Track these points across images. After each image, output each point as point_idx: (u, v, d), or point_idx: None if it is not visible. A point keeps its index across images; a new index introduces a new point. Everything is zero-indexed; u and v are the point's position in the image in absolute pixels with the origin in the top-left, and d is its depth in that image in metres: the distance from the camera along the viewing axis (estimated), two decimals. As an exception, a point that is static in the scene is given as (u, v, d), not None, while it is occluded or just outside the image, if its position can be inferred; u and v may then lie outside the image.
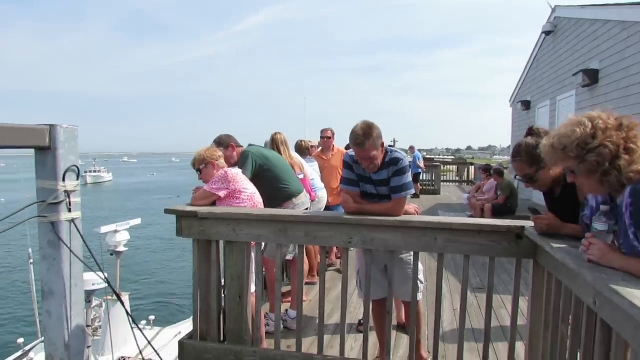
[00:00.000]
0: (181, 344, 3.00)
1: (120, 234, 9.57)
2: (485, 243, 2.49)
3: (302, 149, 5.84)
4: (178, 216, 2.91)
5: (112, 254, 9.74)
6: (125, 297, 10.33)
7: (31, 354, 9.54)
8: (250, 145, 4.00)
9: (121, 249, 9.60)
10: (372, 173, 2.85)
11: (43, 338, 9.83)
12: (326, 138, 5.96)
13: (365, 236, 2.66)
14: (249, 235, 2.82)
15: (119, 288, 10.24)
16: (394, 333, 3.67)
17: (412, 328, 2.70)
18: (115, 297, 9.79)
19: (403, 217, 2.71)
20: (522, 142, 2.39)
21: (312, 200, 4.72)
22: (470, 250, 2.53)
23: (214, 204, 3.17)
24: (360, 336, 3.68)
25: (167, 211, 2.95)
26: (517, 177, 2.43)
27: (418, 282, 2.75)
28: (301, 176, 4.86)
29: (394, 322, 3.69)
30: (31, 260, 11.21)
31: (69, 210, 3.04)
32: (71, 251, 3.03)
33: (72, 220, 3.07)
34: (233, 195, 3.19)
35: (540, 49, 12.66)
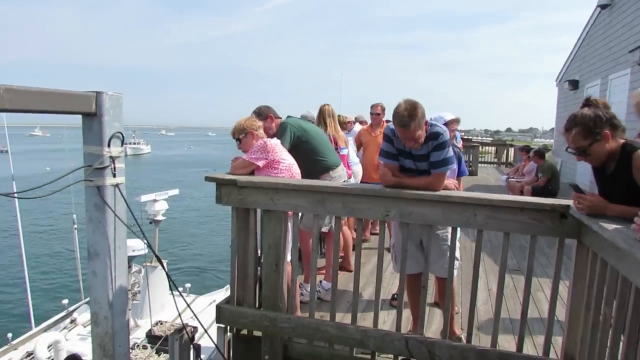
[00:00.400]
0: (219, 307, 3.08)
1: (159, 203, 9.86)
2: (528, 221, 2.43)
3: (340, 124, 5.81)
4: (218, 184, 2.96)
5: (150, 222, 10.06)
6: (164, 264, 10.71)
7: (75, 314, 10.04)
8: (288, 116, 4.01)
9: (159, 217, 9.91)
10: None
11: (86, 300, 10.36)
12: (375, 114, 5.73)
13: (403, 209, 2.64)
14: (286, 205, 2.85)
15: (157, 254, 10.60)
16: (427, 308, 3.67)
17: (447, 304, 2.68)
18: (153, 264, 10.15)
19: (442, 192, 2.66)
20: (577, 112, 2.27)
21: (349, 177, 4.71)
22: (511, 228, 2.48)
23: (252, 173, 3.21)
24: (393, 310, 3.71)
25: (208, 179, 3.00)
26: (569, 150, 2.31)
27: (454, 258, 2.72)
28: (345, 151, 4.85)
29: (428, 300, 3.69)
30: (75, 226, 11.68)
31: (114, 176, 3.14)
32: (115, 214, 3.14)
33: (117, 185, 3.18)
34: (271, 165, 3.22)
35: (593, 24, 12.03)
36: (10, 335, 8.87)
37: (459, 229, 2.71)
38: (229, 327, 6.13)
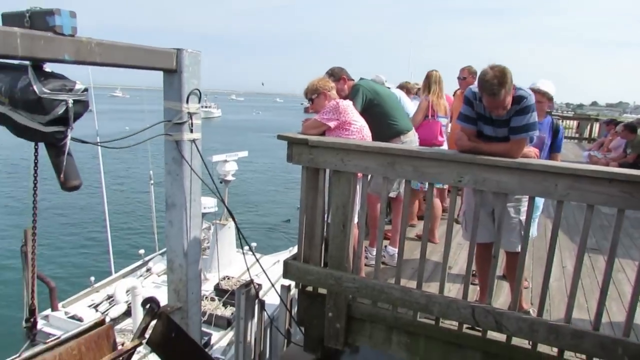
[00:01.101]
0: (286, 263, 3.17)
1: (229, 164, 10.19)
2: (616, 194, 2.26)
3: (404, 89, 5.68)
4: (289, 143, 2.99)
5: (221, 182, 10.44)
6: (231, 223, 11.14)
7: (150, 264, 10.74)
8: (361, 79, 3.94)
9: (229, 178, 10.26)
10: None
11: (160, 251, 10.94)
12: (462, 78, 5.14)
13: (477, 176, 2.55)
14: (356, 166, 2.84)
15: (226, 214, 11.04)
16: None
17: (518, 275, 2.59)
18: (222, 222, 10.58)
19: (521, 159, 2.53)
20: None
21: (439, 145, 4.59)
22: (596, 200, 2.32)
23: (323, 134, 3.22)
24: (457, 284, 3.64)
25: (280, 137, 3.04)
26: None
27: (529, 230, 2.61)
28: (443, 120, 4.72)
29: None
30: (152, 181, 12.36)
31: (191, 131, 3.26)
32: (191, 168, 3.28)
33: (193, 141, 3.30)
34: (342, 126, 3.20)
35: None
36: (92, 278, 9.68)
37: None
38: (294, 283, 6.33)
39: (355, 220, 3.06)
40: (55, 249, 15.27)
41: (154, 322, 3.14)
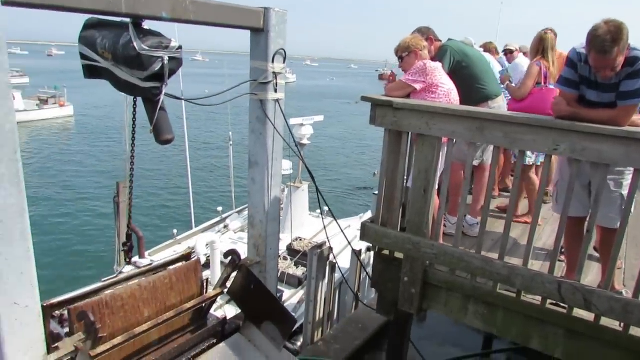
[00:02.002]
0: (364, 225, 3.19)
1: (305, 128, 10.31)
2: None
3: (488, 51, 5.39)
4: (373, 104, 2.95)
5: (296, 145, 10.65)
6: (305, 186, 11.35)
7: (227, 221, 11.26)
8: (449, 40, 3.77)
9: (305, 141, 10.41)
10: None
11: (237, 209, 11.41)
12: None
13: (575, 144, 2.37)
14: (442, 131, 2.75)
15: (300, 177, 11.25)
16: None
17: (614, 254, 2.42)
18: (296, 184, 10.80)
19: (629, 128, 2.33)
20: None
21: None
22: None
23: (408, 96, 3.14)
24: (542, 256, 3.49)
25: (364, 98, 3.00)
26: None
27: (630, 206, 2.41)
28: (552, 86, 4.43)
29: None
30: (230, 143, 12.82)
31: (275, 91, 3.30)
32: (274, 128, 3.34)
33: (277, 101, 3.35)
34: (429, 89, 3.10)
35: None
36: (175, 231, 10.33)
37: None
38: (365, 248, 6.37)
39: (437, 185, 2.99)
40: (143, 202, 16.40)
41: (234, 274, 3.32)
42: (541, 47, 4.03)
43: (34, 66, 71.76)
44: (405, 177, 3.14)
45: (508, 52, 5.85)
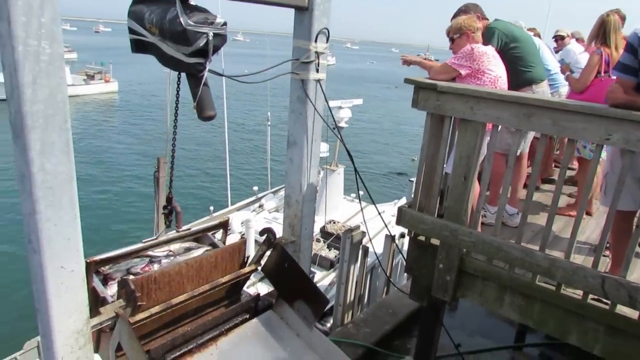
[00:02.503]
0: (400, 210, 3.16)
1: (343, 111, 10.27)
2: None
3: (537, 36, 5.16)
4: (417, 87, 2.89)
5: (332, 130, 10.61)
6: (341, 170, 11.34)
7: (262, 201, 11.40)
8: (496, 20, 3.62)
9: (343, 125, 10.37)
10: None
11: (273, 189, 11.53)
12: None
13: (630, 134, 2.26)
14: (486, 116, 2.67)
15: (337, 160, 11.24)
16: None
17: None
18: (332, 167, 10.80)
19: (693, 119, 2.20)
20: None
21: None
22: None
23: (453, 80, 3.05)
24: (584, 250, 3.37)
25: (407, 80, 2.95)
26: None
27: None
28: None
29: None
30: (269, 123, 12.90)
31: (317, 71, 3.28)
32: (315, 108, 3.32)
33: (318, 81, 3.33)
34: (475, 75, 3.00)
35: None
36: (211, 208, 10.54)
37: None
38: (398, 234, 6.33)
39: (477, 173, 2.92)
40: (180, 180, 16.82)
41: (269, 252, 3.36)
42: (601, 31, 3.72)
43: (81, 42, 74.01)
44: (445, 163, 3.07)
45: (559, 38, 5.60)
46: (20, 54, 1.67)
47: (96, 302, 2.64)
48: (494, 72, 3.05)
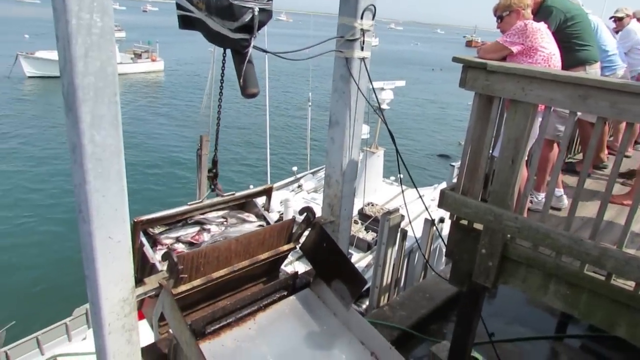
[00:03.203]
0: (443, 193, 3.09)
1: (385, 92, 10.11)
2: None
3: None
4: (465, 66, 2.78)
5: (375, 111, 10.48)
6: (380, 152, 11.24)
7: (301, 181, 11.46)
8: None
9: (384, 106, 10.22)
10: None
11: (312, 170, 11.60)
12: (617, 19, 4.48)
13: (698, 120, 2.11)
14: (539, 97, 2.55)
15: (377, 142, 11.14)
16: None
17: None
18: (372, 149, 10.72)
19: None
20: None
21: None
22: None
23: (504, 59, 2.93)
24: (638, 240, 3.21)
25: (455, 59, 2.84)
26: None
27: None
28: None
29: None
30: (309, 103, 12.88)
31: (362, 49, 3.22)
32: (358, 88, 3.27)
33: (363, 59, 3.27)
34: (527, 52, 2.87)
35: None
36: (251, 186, 10.68)
37: None
38: (438, 218, 6.23)
39: (526, 156, 2.81)
40: (221, 158, 17.10)
41: (307, 231, 3.37)
42: None
43: (129, 21, 75.71)
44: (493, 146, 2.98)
45: (617, 20, 5.25)
46: (73, 27, 1.71)
47: (144, 267, 2.71)
48: (548, 49, 2.91)
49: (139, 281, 2.74)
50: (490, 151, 3.00)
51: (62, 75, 1.83)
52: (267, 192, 3.36)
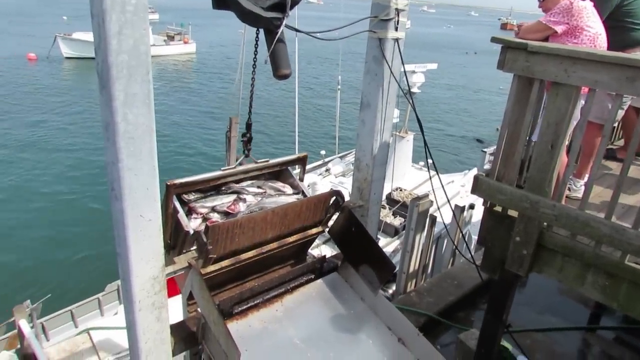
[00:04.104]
0: (476, 178, 3.00)
1: (416, 75, 9.90)
2: None
3: None
4: (504, 47, 2.67)
5: (405, 94, 10.27)
6: (410, 137, 11.07)
7: (329, 165, 11.42)
8: None
9: (415, 90, 10.02)
10: None
11: (340, 154, 11.50)
12: None
13: None
14: (582, 79, 2.42)
15: (407, 126, 10.97)
16: None
17: None
18: (402, 134, 10.57)
19: None
20: None
21: None
22: None
23: (546, 40, 2.80)
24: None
25: (494, 40, 2.72)
26: None
27: None
28: None
29: None
30: (339, 87, 12.75)
31: (396, 29, 3.13)
32: (391, 70, 3.20)
33: (396, 40, 3.18)
34: (572, 32, 2.73)
35: None
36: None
37: None
38: (468, 205, 6.11)
39: (567, 141, 2.69)
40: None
41: (336, 215, 3.33)
42: None
43: (163, 3, 76.42)
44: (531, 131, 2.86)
45: None
46: (108, 4, 1.70)
47: (178, 233, 2.69)
48: (594, 28, 2.75)
49: (172, 248, 2.75)
50: (528, 136, 2.89)
51: (97, 53, 1.83)
52: (302, 161, 3.26)
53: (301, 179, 3.31)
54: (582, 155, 3.51)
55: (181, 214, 2.64)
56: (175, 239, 2.73)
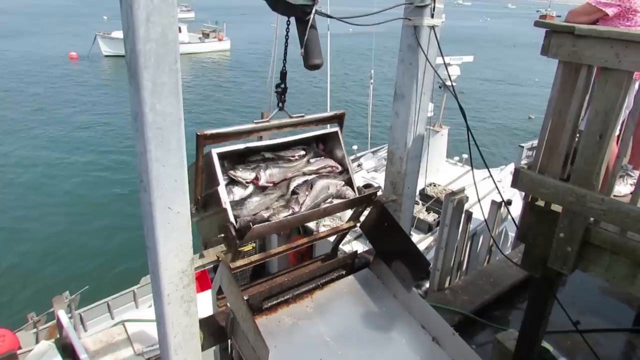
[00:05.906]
0: (517, 171, 2.85)
1: (451, 68, 9.66)
2: None
3: None
4: (549, 31, 2.51)
5: (440, 87, 10.01)
6: (445, 131, 10.83)
7: (361, 160, 11.29)
8: None
9: (449, 82, 9.77)
10: None
11: (372, 149, 11.35)
12: None
13: None
14: (635, 64, 2.25)
15: (441, 120, 10.73)
16: None
17: None
18: (436, 128, 10.35)
19: None
20: None
21: None
22: None
23: (594, 23, 2.62)
24: None
25: (538, 23, 2.56)
26: None
27: None
28: None
29: None
30: (372, 81, 12.58)
31: (432, 16, 3.00)
32: (427, 58, 3.07)
33: (433, 27, 3.05)
34: (624, 15, 2.54)
35: None
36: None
37: None
38: (510, 200, 5.87)
39: (617, 131, 2.51)
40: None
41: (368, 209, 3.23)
42: None
43: (199, 2, 77.56)
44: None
45: None
46: (136, -11, 1.66)
47: (211, 195, 2.55)
48: (648, 11, 2.57)
49: (202, 205, 2.60)
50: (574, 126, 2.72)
51: (125, 42, 1.79)
52: (340, 118, 3.00)
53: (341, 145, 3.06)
54: (635, 141, 3.28)
55: (221, 187, 2.49)
56: (205, 200, 2.57)
